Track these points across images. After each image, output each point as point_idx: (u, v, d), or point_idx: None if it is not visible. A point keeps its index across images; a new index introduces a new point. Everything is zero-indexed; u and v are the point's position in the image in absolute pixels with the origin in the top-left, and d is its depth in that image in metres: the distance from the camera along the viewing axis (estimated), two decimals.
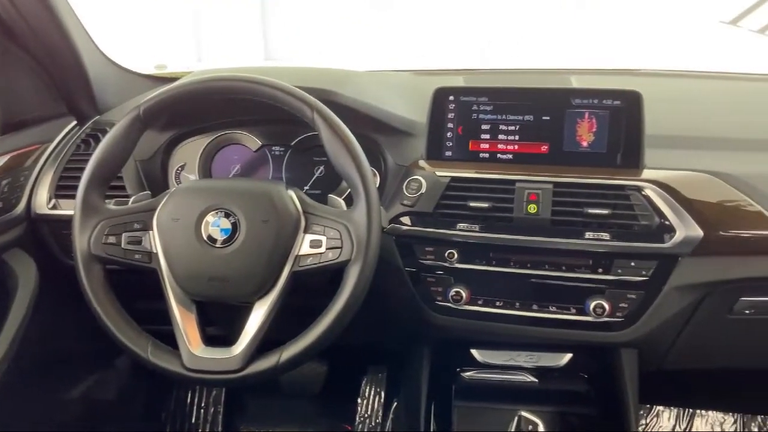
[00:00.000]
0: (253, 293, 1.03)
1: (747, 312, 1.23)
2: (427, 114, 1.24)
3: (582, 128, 1.20)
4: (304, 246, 1.03)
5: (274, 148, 1.35)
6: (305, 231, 1.04)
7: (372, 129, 1.26)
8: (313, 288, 1.15)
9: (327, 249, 1.02)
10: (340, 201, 1.11)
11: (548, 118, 1.21)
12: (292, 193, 1.07)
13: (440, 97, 1.24)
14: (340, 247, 1.02)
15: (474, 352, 1.37)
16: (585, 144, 1.20)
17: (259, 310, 1.03)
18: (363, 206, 1.02)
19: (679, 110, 1.35)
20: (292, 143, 1.33)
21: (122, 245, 1.07)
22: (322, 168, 1.33)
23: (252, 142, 1.34)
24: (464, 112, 1.23)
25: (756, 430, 1.90)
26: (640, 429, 1.92)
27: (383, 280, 1.12)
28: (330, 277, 1.12)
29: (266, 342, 1.04)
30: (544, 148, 1.21)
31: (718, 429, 1.91)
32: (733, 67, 1.54)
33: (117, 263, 1.07)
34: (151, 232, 1.07)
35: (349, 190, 1.06)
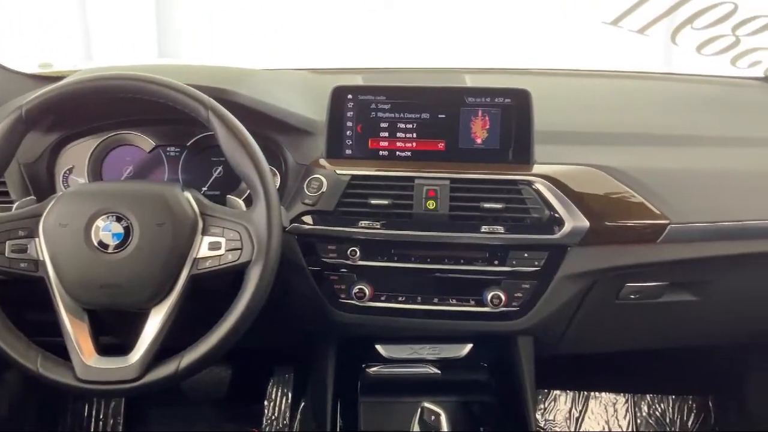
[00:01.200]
0: (149, 299, 1.00)
1: (632, 297, 1.32)
2: (326, 112, 1.24)
3: (476, 125, 1.23)
4: (202, 248, 1.01)
5: (168, 148, 1.31)
6: (203, 233, 1.02)
7: (270, 128, 1.25)
8: (214, 291, 1.13)
9: (226, 251, 1.01)
10: (240, 201, 1.10)
11: (444, 116, 1.24)
12: (188, 194, 1.05)
13: (339, 95, 1.24)
14: (240, 249, 1.01)
15: (379, 347, 1.39)
16: (479, 141, 1.24)
17: (156, 316, 1.01)
18: (263, 206, 1.01)
19: (567, 107, 1.42)
20: (188, 143, 1.30)
21: (6, 254, 1.01)
22: (220, 168, 1.30)
23: (145, 142, 1.30)
24: (363, 110, 1.25)
25: (645, 408, 2.03)
26: (538, 413, 2.00)
27: (286, 280, 1.11)
28: (231, 279, 1.10)
29: (166, 349, 1.02)
30: (441, 145, 1.24)
31: (611, 409, 2.02)
32: (616, 65, 1.63)
33: (1, 273, 1.02)
34: (37, 239, 1.02)
35: (249, 190, 1.05)
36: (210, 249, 1.01)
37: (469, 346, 1.39)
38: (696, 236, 1.22)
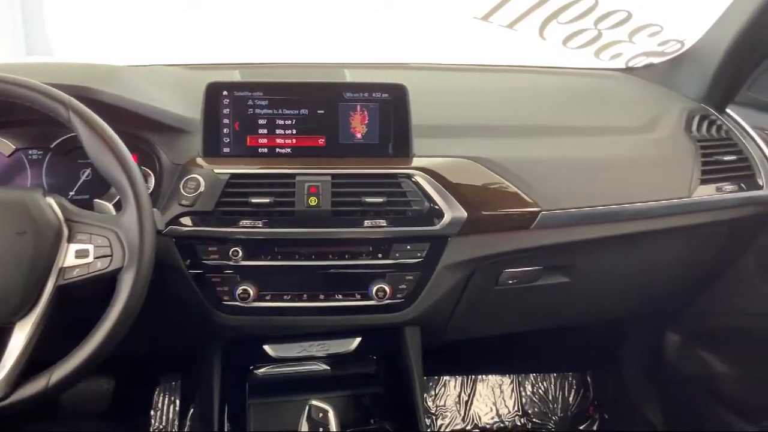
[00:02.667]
0: (13, 313, 0.94)
1: (510, 282, 1.37)
2: (200, 110, 1.21)
3: (355, 120, 1.24)
4: (69, 257, 0.96)
5: (30, 151, 1.22)
6: (69, 240, 0.96)
7: (141, 127, 1.20)
8: (86, 300, 1.08)
9: (95, 258, 0.96)
10: (108, 206, 1.05)
11: (323, 111, 1.23)
12: (51, 200, 0.98)
13: (213, 92, 1.21)
14: (111, 255, 0.96)
15: (266, 347, 1.37)
16: (359, 136, 1.24)
17: (22, 330, 0.94)
18: (133, 209, 0.97)
19: (444, 101, 1.45)
20: (52, 145, 1.22)
21: None
22: (88, 171, 1.23)
23: (4, 146, 1.21)
24: (239, 107, 1.22)
25: (530, 387, 2.13)
26: (429, 399, 2.05)
27: (165, 285, 1.07)
28: (105, 287, 1.05)
29: (36, 364, 0.96)
30: (321, 141, 1.24)
31: (498, 391, 2.11)
32: (488, 59, 1.69)
33: None
34: None
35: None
36: (77, 257, 0.96)
37: (357, 340, 1.40)
38: (565, 221, 1.28)
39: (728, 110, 1.56)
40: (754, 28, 1.43)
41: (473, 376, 2.08)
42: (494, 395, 2.10)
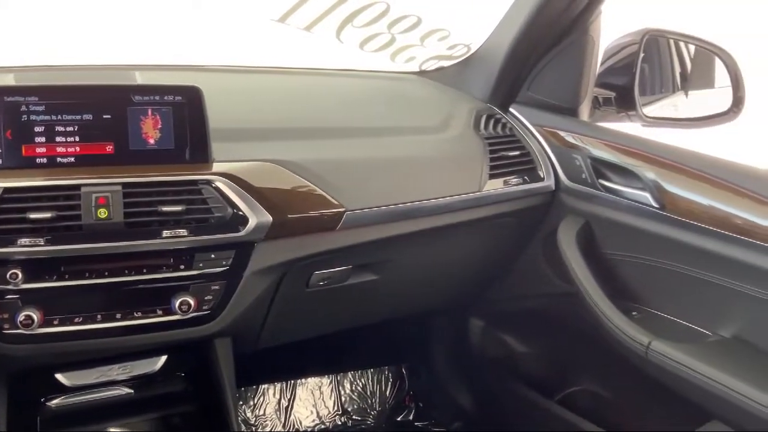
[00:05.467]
0: None
1: (321, 284, 1.38)
2: None
3: (147, 125, 1.16)
4: None
5: None
6: None
7: None
8: None
9: None
10: None
11: (109, 116, 1.14)
12: None
13: None
14: None
15: (59, 376, 1.25)
16: (152, 141, 1.17)
17: None
18: None
19: (243, 104, 1.42)
20: None
21: None
22: None
23: None
24: (11, 113, 1.09)
25: (348, 385, 2.16)
26: (248, 410, 2.01)
27: None
28: None
29: None
30: (109, 148, 1.14)
31: (318, 392, 2.12)
32: (286, 61, 1.68)
33: None
34: None
35: None
36: None
37: (163, 358, 1.32)
38: (369, 220, 1.31)
39: (511, 109, 1.68)
40: (529, 31, 1.56)
41: (293, 381, 2.07)
42: (314, 397, 2.10)
